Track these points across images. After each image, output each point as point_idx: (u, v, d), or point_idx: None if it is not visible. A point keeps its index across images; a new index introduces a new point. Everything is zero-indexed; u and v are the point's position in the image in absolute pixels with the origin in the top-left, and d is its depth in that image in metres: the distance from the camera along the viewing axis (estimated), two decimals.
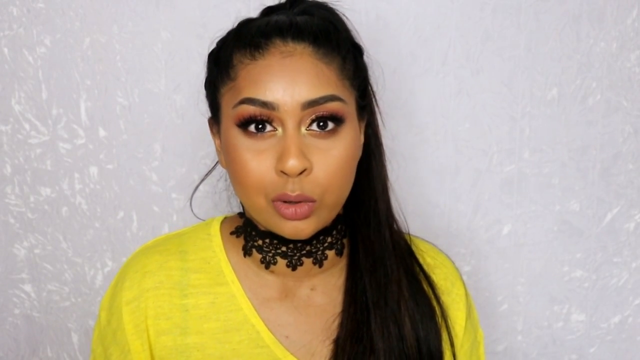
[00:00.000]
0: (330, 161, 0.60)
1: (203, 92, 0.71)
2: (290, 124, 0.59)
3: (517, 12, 0.92)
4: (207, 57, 0.68)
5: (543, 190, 0.98)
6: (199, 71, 0.96)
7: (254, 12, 0.90)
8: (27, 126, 0.97)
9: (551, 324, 1.04)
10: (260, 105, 0.59)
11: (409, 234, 0.74)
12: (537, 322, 1.04)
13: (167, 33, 0.92)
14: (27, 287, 1.03)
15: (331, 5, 0.67)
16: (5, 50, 0.94)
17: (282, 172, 0.59)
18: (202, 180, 0.79)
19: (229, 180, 0.80)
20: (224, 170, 0.74)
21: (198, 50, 0.93)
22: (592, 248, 1.01)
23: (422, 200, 0.98)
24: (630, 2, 0.92)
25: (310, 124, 0.60)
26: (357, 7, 0.91)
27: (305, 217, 0.61)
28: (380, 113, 0.71)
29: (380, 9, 0.92)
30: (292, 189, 0.59)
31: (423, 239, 0.77)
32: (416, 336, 0.66)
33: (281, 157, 0.59)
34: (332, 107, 0.60)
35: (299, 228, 0.61)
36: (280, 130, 0.60)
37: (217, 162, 0.79)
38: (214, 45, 0.68)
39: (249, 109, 0.59)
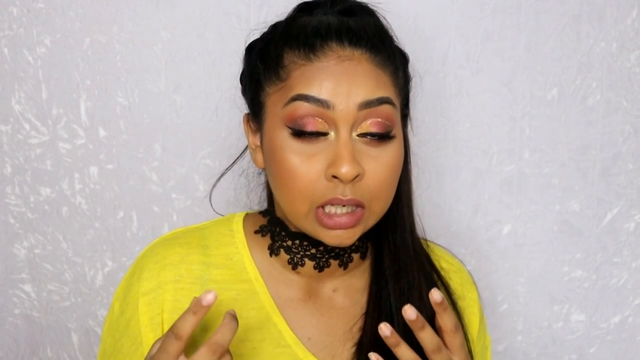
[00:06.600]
0: (381, 168, 0.59)
1: (237, 87, 0.68)
2: (344, 127, 0.58)
3: (517, 12, 0.92)
4: (245, 50, 0.66)
5: (543, 190, 0.98)
6: (199, 71, 0.96)
7: (254, 12, 0.91)
8: (27, 126, 0.97)
9: (551, 324, 1.04)
10: (314, 102, 0.57)
11: (425, 239, 0.73)
12: (537, 322, 1.04)
13: (167, 33, 0.92)
14: (27, 287, 1.03)
15: (372, 7, 0.65)
16: (5, 50, 0.94)
17: (333, 177, 0.57)
18: (224, 173, 0.78)
19: (250, 176, 0.79)
20: (246, 165, 0.72)
21: (198, 50, 0.92)
22: (592, 248, 1.01)
23: (422, 200, 0.98)
24: (630, 2, 0.92)
25: (362, 135, 0.59)
26: None
27: (351, 226, 0.60)
28: (410, 119, 0.70)
29: (380, 9, 0.92)
30: (344, 193, 0.58)
31: (436, 244, 0.77)
32: None
33: (334, 162, 0.57)
34: (386, 110, 0.59)
35: (343, 237, 0.60)
36: (332, 133, 0.58)
37: (239, 156, 0.77)
38: (252, 38, 0.66)
39: (303, 106, 0.57)
